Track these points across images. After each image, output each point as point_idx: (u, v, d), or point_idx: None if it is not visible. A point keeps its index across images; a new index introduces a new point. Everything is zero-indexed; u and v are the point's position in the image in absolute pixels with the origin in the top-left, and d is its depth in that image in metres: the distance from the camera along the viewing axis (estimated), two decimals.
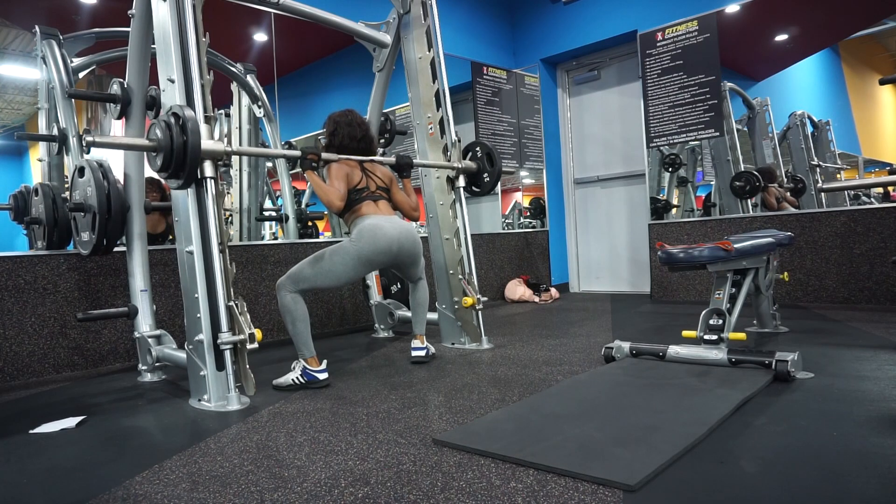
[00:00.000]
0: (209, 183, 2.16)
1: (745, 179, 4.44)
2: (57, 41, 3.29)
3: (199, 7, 2.25)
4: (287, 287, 2.46)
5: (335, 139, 2.67)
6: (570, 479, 1.33)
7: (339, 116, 2.71)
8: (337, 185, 2.53)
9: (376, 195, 2.65)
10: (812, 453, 1.41)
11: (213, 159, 2.16)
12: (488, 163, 3.23)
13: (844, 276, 3.90)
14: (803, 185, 4.47)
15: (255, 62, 4.30)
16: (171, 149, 2.03)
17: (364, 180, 2.64)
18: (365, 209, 2.59)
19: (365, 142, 2.71)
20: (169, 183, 2.15)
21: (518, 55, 5.99)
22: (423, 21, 3.24)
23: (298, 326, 2.42)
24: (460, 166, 3.18)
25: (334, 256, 2.50)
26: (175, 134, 2.02)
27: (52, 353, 2.85)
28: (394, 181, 2.79)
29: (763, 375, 2.06)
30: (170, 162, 2.05)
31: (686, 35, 4.59)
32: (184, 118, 2.03)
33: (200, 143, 2.06)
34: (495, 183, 3.26)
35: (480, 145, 3.27)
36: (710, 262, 2.34)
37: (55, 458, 1.68)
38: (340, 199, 2.53)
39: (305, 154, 2.46)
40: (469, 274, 3.13)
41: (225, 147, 2.16)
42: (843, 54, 4.78)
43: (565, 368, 2.49)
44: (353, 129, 2.67)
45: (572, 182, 5.97)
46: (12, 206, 3.10)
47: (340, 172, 2.57)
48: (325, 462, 1.52)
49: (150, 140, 2.08)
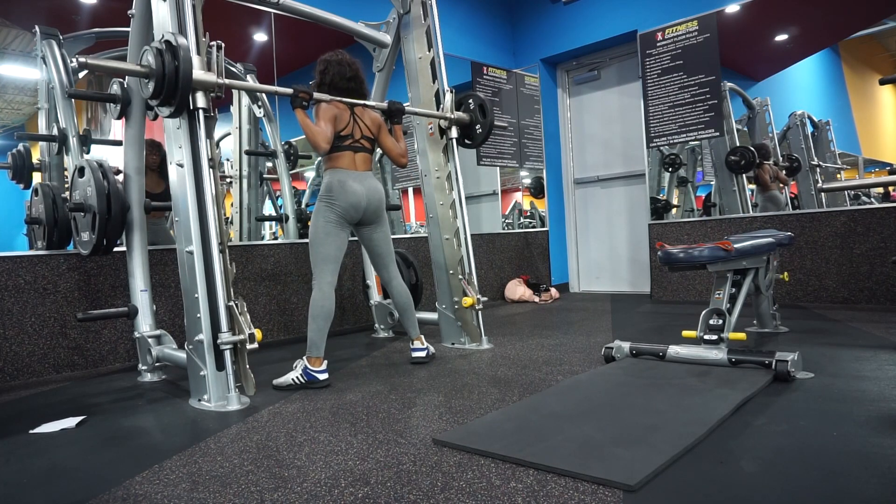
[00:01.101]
0: (200, 114, 2.16)
1: (740, 154, 4.44)
2: (57, 41, 3.30)
3: (199, 7, 2.25)
4: (317, 280, 2.53)
5: (325, 77, 2.65)
6: (570, 479, 1.33)
7: (329, 56, 2.69)
8: (324, 126, 2.52)
9: (359, 145, 2.65)
10: (812, 453, 1.41)
11: (205, 90, 2.16)
12: (480, 114, 3.22)
13: (844, 276, 3.90)
14: (798, 165, 4.47)
15: (255, 62, 4.30)
16: (162, 75, 2.03)
17: (351, 125, 2.62)
18: (342, 161, 2.60)
19: (355, 81, 2.69)
20: (160, 110, 2.14)
21: (518, 55, 5.99)
22: (423, 21, 3.24)
23: (318, 323, 2.46)
24: (453, 116, 3.18)
25: (317, 221, 2.56)
26: (167, 60, 2.02)
27: (52, 353, 2.85)
28: (382, 127, 2.78)
29: (763, 375, 2.06)
30: (161, 88, 2.05)
31: (686, 35, 4.59)
32: (176, 46, 2.02)
33: (192, 71, 2.06)
34: (487, 135, 3.24)
35: (473, 97, 3.25)
36: (710, 262, 2.34)
37: (55, 458, 1.68)
38: (327, 140, 2.52)
39: (297, 92, 2.45)
40: (469, 274, 3.13)
41: (217, 79, 2.16)
42: (843, 54, 4.77)
43: (565, 368, 2.49)
44: (343, 68, 2.66)
45: (572, 182, 5.97)
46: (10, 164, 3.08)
47: (329, 114, 2.55)
48: (325, 462, 1.52)
49: (143, 66, 2.08)
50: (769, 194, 4.52)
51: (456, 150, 3.24)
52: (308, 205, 4.68)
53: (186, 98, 2.09)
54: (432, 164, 3.21)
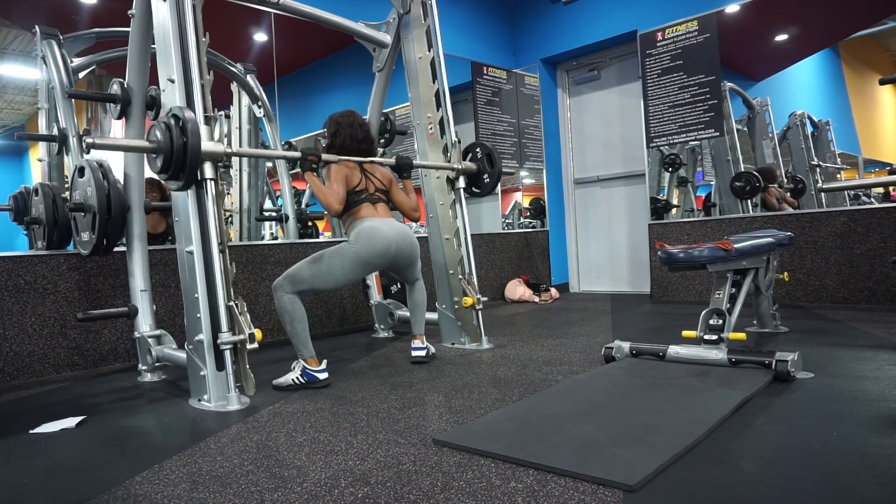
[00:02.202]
0: (209, 184, 2.16)
1: (745, 180, 4.44)
2: (57, 41, 3.29)
3: (199, 7, 2.25)
4: (284, 288, 2.46)
5: (336, 140, 2.68)
6: (570, 479, 1.33)
7: (340, 117, 2.71)
8: (336, 187, 2.53)
9: (375, 197, 2.65)
10: (812, 453, 1.41)
11: (213, 160, 2.16)
12: (488, 164, 3.23)
13: (844, 276, 3.90)
14: (803, 186, 4.46)
15: (255, 62, 4.30)
16: (171, 150, 2.03)
17: (363, 182, 2.64)
18: (363, 212, 2.59)
19: (366, 143, 2.71)
20: (169, 184, 2.15)
21: (518, 55, 5.99)
22: (423, 21, 3.24)
23: (297, 327, 2.42)
24: (460, 167, 3.18)
25: (332, 258, 2.50)
26: (175, 136, 2.02)
27: (52, 353, 2.85)
28: (393, 182, 2.79)
29: (763, 375, 2.06)
30: (170, 163, 2.05)
31: (686, 35, 4.59)
32: (184, 120, 2.03)
33: (200, 144, 2.06)
34: (495, 184, 3.26)
35: (480, 146, 3.27)
36: (710, 262, 2.34)
37: (55, 458, 1.68)
38: (339, 202, 2.53)
39: (305, 155, 2.47)
40: (469, 274, 3.13)
41: (225, 148, 2.16)
42: (843, 54, 4.78)
43: (565, 368, 2.49)
44: (354, 131, 2.67)
45: (572, 182, 5.97)
46: (12, 206, 3.10)
47: (340, 174, 2.56)
48: (325, 462, 1.52)
49: (151, 142, 2.08)
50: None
51: (463, 200, 3.22)
52: (308, 205, 4.68)
53: (195, 171, 2.08)
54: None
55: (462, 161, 3.21)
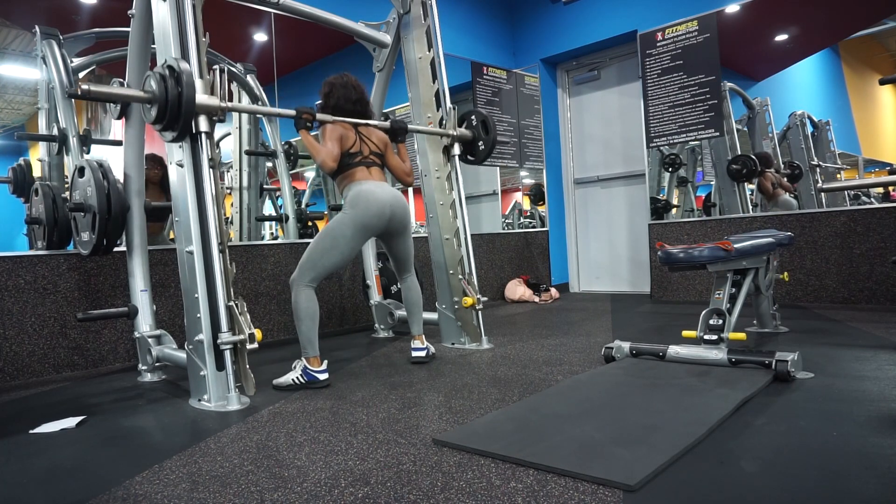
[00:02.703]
0: (203, 138, 2.16)
1: (741, 162, 4.44)
2: (57, 41, 3.29)
3: (199, 7, 2.25)
4: (299, 281, 2.48)
5: (330, 100, 2.66)
6: (570, 479, 1.33)
7: (334, 79, 2.70)
8: (330, 145, 2.52)
9: (369, 160, 2.65)
10: (812, 453, 1.41)
11: (208, 114, 2.16)
12: (483, 131, 3.22)
13: (844, 276, 3.90)
14: (800, 172, 4.46)
15: (255, 62, 4.30)
16: (165, 100, 2.02)
17: (358, 143, 2.63)
18: (358, 175, 2.59)
19: (360, 104, 2.69)
20: (163, 135, 2.14)
21: (518, 55, 5.98)
22: (423, 21, 3.24)
23: (307, 324, 2.44)
24: (455, 133, 3.18)
25: (332, 232, 2.52)
26: (170, 86, 2.02)
27: (52, 353, 2.85)
28: (388, 146, 2.78)
29: (763, 375, 2.06)
30: (164, 113, 2.04)
31: (686, 35, 4.59)
32: (179, 71, 2.02)
33: (195, 96, 2.05)
34: (490, 151, 3.24)
35: (476, 114, 3.25)
36: (710, 262, 2.34)
37: (55, 458, 1.68)
38: (333, 159, 2.52)
39: (300, 113, 2.46)
40: (469, 274, 3.13)
41: (220, 102, 2.16)
42: (843, 54, 4.77)
43: (565, 368, 2.49)
44: (348, 91, 2.66)
45: (572, 182, 5.97)
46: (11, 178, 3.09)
47: (335, 133, 2.56)
48: (325, 462, 1.52)
49: (146, 91, 2.08)
50: (779, 200, 4.51)
51: (458, 168, 3.23)
52: (308, 204, 4.68)
53: (189, 123, 2.08)
54: (432, 164, 3.21)
55: (457, 128, 3.21)
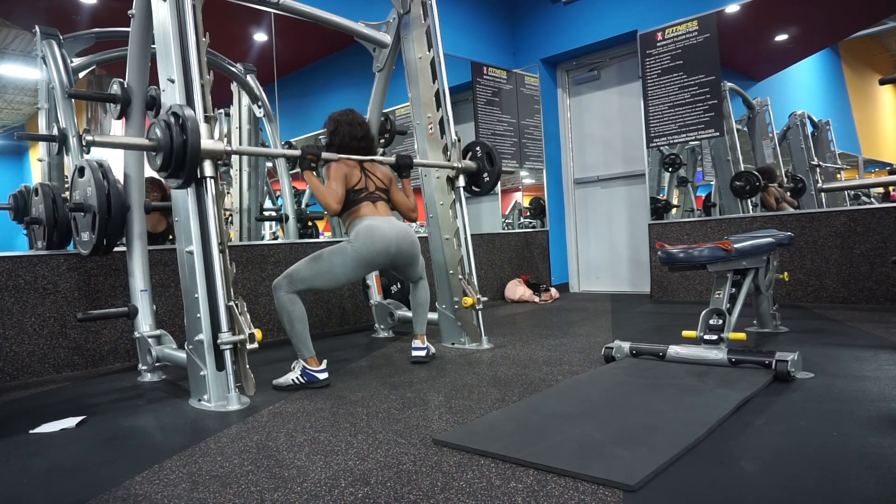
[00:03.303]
0: (209, 182, 2.16)
1: (745, 179, 4.44)
2: (57, 41, 3.29)
3: (199, 7, 2.25)
4: (284, 287, 2.46)
5: (336, 138, 2.67)
6: (570, 479, 1.33)
7: (340, 116, 2.71)
8: (335, 186, 2.53)
9: (375, 196, 2.65)
10: (812, 453, 1.41)
11: (213, 159, 2.16)
12: (488, 162, 3.23)
13: (844, 276, 3.90)
14: (803, 185, 4.47)
15: (255, 62, 4.30)
16: (170, 148, 2.03)
17: (363, 180, 2.63)
18: (363, 210, 2.59)
19: (365, 141, 2.71)
20: (169, 182, 2.15)
21: (518, 55, 5.98)
22: (423, 21, 3.24)
23: (297, 327, 2.42)
24: (460, 166, 3.18)
25: (333, 257, 2.50)
26: (175, 133, 2.02)
27: (52, 353, 2.85)
28: (393, 181, 2.79)
29: (763, 375, 2.06)
30: (169, 161, 2.05)
31: (686, 35, 4.59)
32: (184, 118, 2.03)
33: (200, 142, 2.06)
34: (495, 183, 3.26)
35: (480, 145, 3.27)
36: (710, 262, 2.34)
37: (55, 458, 1.68)
38: (337, 201, 2.53)
39: (305, 154, 2.46)
40: (469, 274, 3.13)
41: (225, 147, 2.16)
42: (843, 54, 4.77)
43: (565, 368, 2.49)
44: (353, 129, 2.67)
45: (572, 182, 5.97)
46: (12, 205, 3.10)
47: (339, 173, 2.56)
48: (325, 462, 1.52)
49: (150, 139, 2.08)
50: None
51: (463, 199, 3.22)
52: (308, 205, 4.68)
53: (195, 169, 2.08)
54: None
55: (462, 160, 3.21)
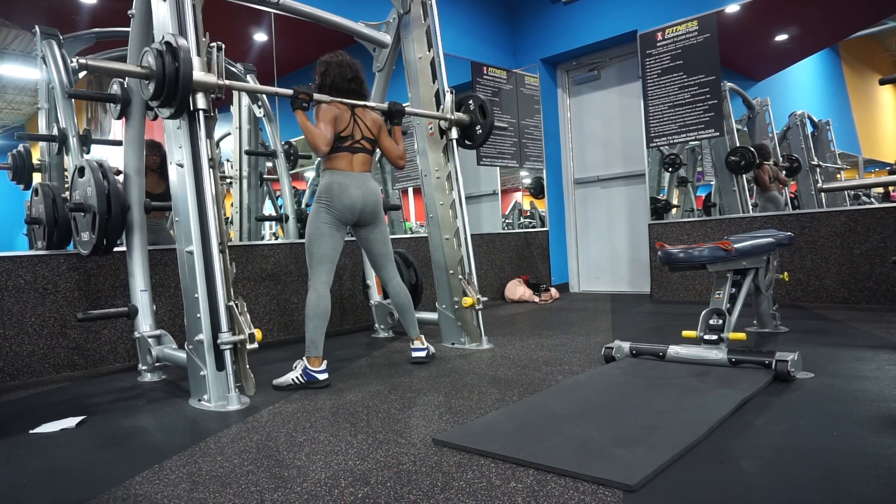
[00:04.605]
0: (201, 115, 2.16)
1: (740, 154, 4.45)
2: (57, 41, 3.29)
3: (199, 7, 2.25)
4: (313, 282, 2.54)
5: (326, 79, 2.65)
6: (570, 479, 1.33)
7: (330, 57, 2.69)
8: (324, 128, 2.52)
9: (358, 146, 2.64)
10: (812, 453, 1.41)
11: (206, 91, 2.16)
12: (481, 115, 3.22)
13: (844, 276, 3.90)
14: (798, 165, 4.47)
15: (255, 62, 4.30)
16: (163, 76, 2.03)
17: (351, 126, 2.62)
18: (338, 162, 2.60)
19: (356, 83, 2.69)
20: (160, 112, 2.14)
21: (518, 55, 5.98)
22: (423, 21, 3.24)
23: (315, 323, 2.46)
24: (453, 117, 3.18)
25: (312, 222, 2.57)
26: (167, 62, 2.02)
27: (52, 353, 2.84)
28: (383, 128, 2.78)
29: (763, 375, 2.06)
30: (161, 89, 2.04)
31: (686, 35, 4.59)
32: (176, 47, 2.02)
33: (192, 72, 2.05)
34: (487, 135, 3.23)
35: (473, 98, 3.25)
36: (710, 262, 2.34)
37: (55, 458, 1.68)
38: (326, 143, 2.52)
39: (297, 93, 2.44)
40: (469, 274, 3.13)
41: (217, 80, 2.16)
42: (843, 54, 4.77)
43: (565, 368, 2.49)
44: (343, 70, 2.66)
45: (572, 182, 5.97)
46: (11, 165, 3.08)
47: (329, 115, 2.55)
48: (325, 462, 1.52)
49: (143, 67, 2.08)
50: (769, 195, 4.52)
51: (456, 151, 3.25)
52: (308, 205, 4.68)
53: (187, 99, 2.09)
54: (432, 164, 3.21)
55: (455, 112, 3.21)
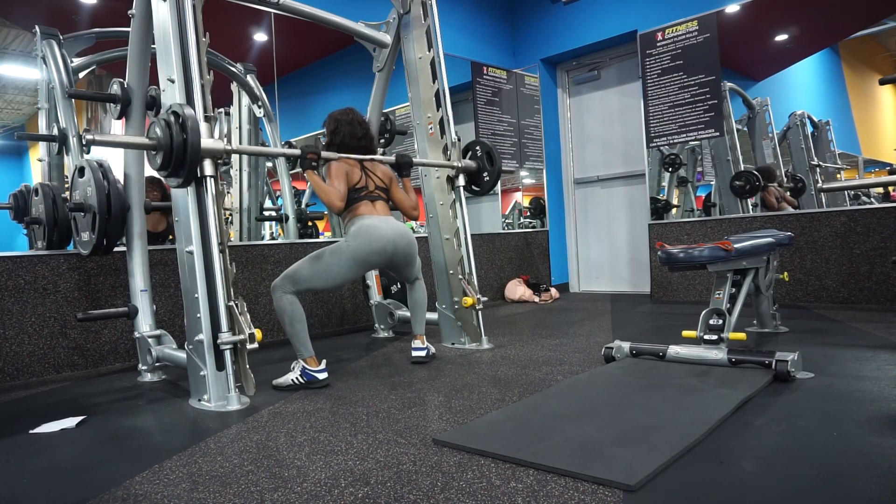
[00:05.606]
0: (209, 181, 2.16)
1: (745, 179, 4.44)
2: (57, 41, 3.29)
3: (199, 7, 2.25)
4: (283, 288, 2.46)
5: (336, 137, 2.68)
6: (570, 479, 1.33)
7: (339, 115, 2.71)
8: (337, 184, 2.53)
9: (374, 195, 2.65)
10: (812, 453, 1.41)
11: (213, 158, 2.16)
12: (488, 162, 3.23)
13: (844, 276, 3.90)
14: (803, 185, 4.47)
15: (255, 62, 4.30)
16: (170, 147, 2.03)
17: (363, 179, 2.64)
18: (361, 209, 2.60)
19: (366, 140, 2.71)
20: (169, 181, 2.15)
21: (518, 55, 5.98)
22: (423, 21, 3.24)
23: (296, 327, 2.42)
24: (460, 165, 3.18)
25: (330, 257, 2.50)
26: (175, 132, 2.02)
27: (52, 353, 2.84)
28: (393, 180, 2.79)
29: (763, 375, 2.06)
30: (169, 160, 2.05)
31: (686, 35, 4.59)
32: (184, 117, 2.03)
33: (200, 141, 2.06)
34: (495, 182, 3.26)
35: (480, 144, 3.27)
36: (710, 262, 2.34)
37: (55, 458, 1.68)
38: (341, 199, 2.53)
39: (305, 153, 2.47)
40: (469, 274, 3.13)
41: (225, 146, 2.16)
42: (843, 54, 4.77)
43: (565, 368, 2.49)
44: (353, 128, 2.68)
45: (572, 182, 5.97)
46: (12, 205, 3.10)
47: (340, 171, 2.57)
48: (325, 462, 1.52)
49: (150, 138, 2.08)
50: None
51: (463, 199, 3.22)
52: (308, 204, 4.68)
53: (195, 169, 2.08)
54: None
55: (462, 159, 3.21)
